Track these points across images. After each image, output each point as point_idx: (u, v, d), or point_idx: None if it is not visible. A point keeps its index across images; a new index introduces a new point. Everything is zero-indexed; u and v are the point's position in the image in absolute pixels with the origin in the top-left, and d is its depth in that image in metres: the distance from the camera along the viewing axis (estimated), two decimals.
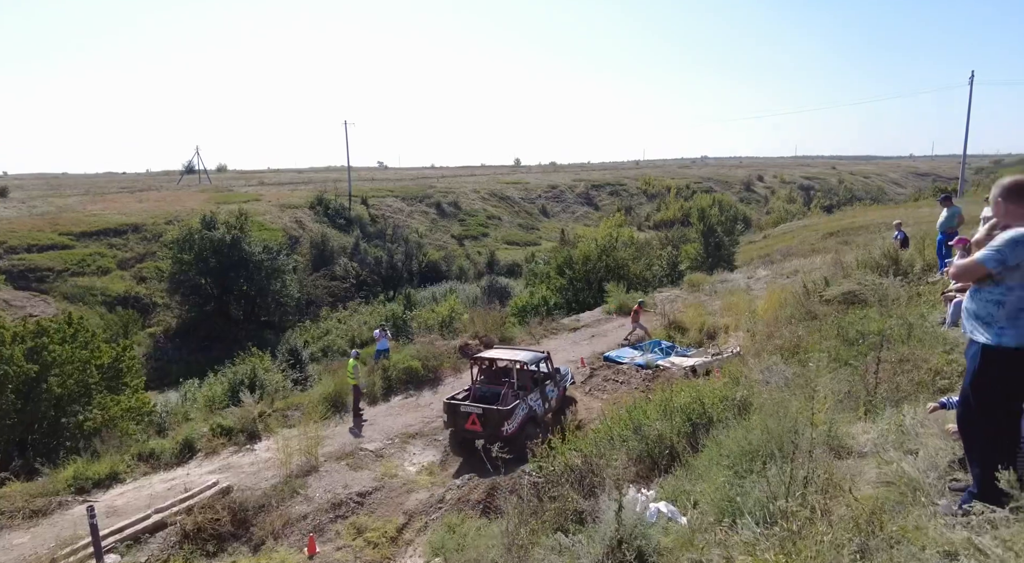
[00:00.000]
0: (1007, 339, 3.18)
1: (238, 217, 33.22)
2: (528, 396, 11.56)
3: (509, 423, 10.84)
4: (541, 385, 12.05)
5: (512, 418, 10.91)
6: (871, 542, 2.90)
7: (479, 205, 55.19)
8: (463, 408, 11.18)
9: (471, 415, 10.97)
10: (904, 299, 9.71)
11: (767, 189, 75.67)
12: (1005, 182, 3.40)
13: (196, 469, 11.20)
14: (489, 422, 10.76)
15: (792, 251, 29.09)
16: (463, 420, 11.07)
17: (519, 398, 11.35)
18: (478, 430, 10.64)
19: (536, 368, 12.19)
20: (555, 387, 12.53)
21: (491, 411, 10.84)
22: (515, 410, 11.02)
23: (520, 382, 11.92)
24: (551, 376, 12.51)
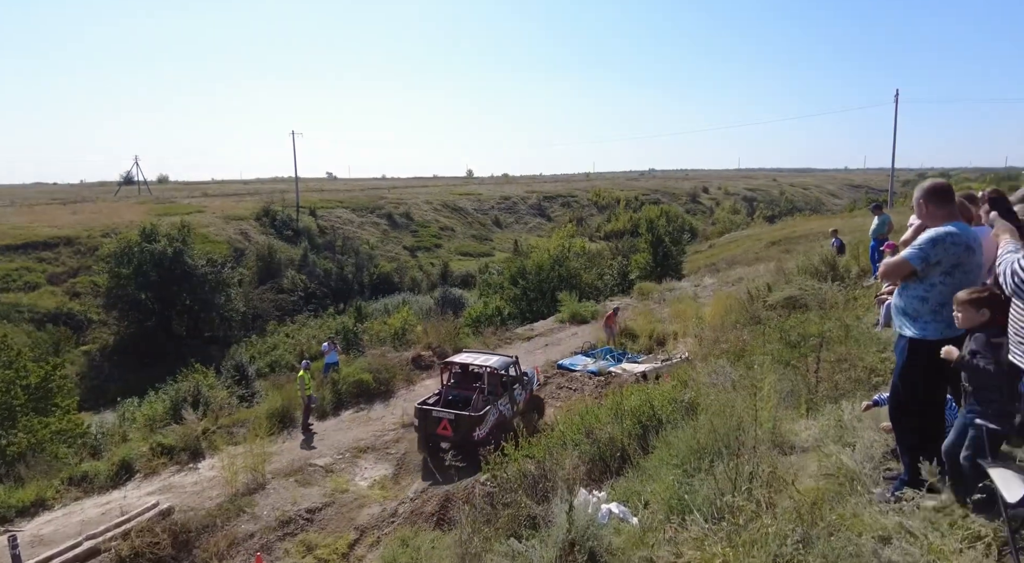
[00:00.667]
0: (931, 332, 3.36)
1: (180, 229, 32.04)
2: (498, 401, 11.56)
3: (480, 428, 10.82)
4: (510, 389, 12.10)
5: (483, 423, 10.92)
6: (812, 531, 2.99)
7: (432, 216, 54.94)
8: (435, 413, 11.14)
9: (443, 420, 10.94)
10: (841, 303, 10.13)
11: (712, 200, 78.00)
12: (925, 185, 3.60)
13: (134, 491, 10.65)
14: (460, 427, 10.75)
15: (737, 259, 30.06)
16: (434, 425, 11.04)
17: (490, 403, 11.35)
18: (449, 435, 10.69)
19: (506, 372, 12.21)
20: (523, 390, 12.58)
21: (463, 417, 10.83)
22: (486, 415, 11.01)
23: (490, 387, 11.90)
24: (519, 379, 12.56)
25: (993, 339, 3.00)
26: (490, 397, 11.61)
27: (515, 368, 12.53)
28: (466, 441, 10.41)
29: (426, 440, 11.30)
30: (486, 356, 12.86)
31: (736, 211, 68.28)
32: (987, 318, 3.04)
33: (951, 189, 3.53)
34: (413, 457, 11.70)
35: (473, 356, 13.01)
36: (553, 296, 23.92)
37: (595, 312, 20.96)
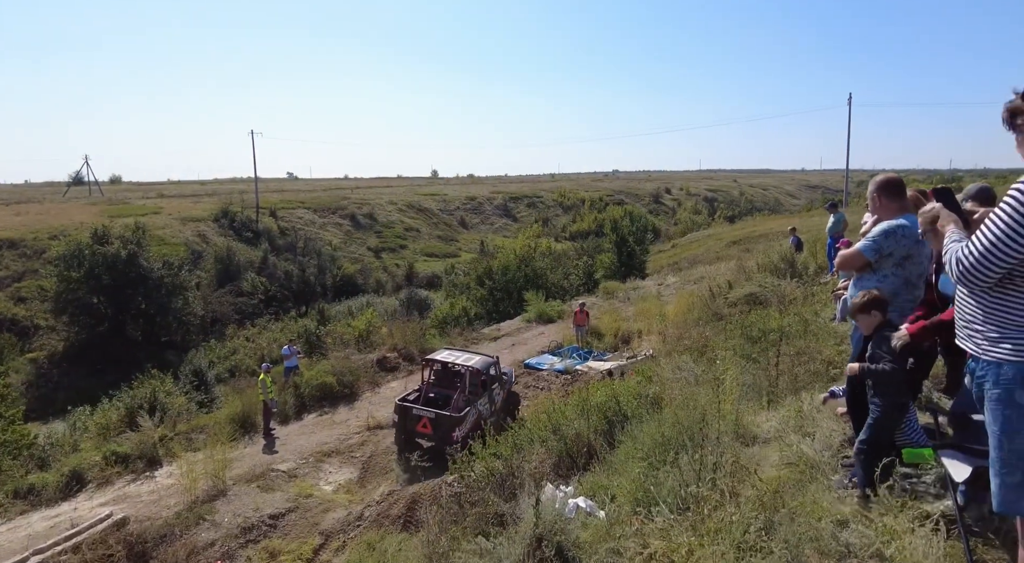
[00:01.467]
0: None
1: (135, 231, 30.93)
2: (478, 402, 11.59)
3: (460, 429, 10.81)
4: (489, 389, 12.14)
5: (463, 424, 10.91)
6: (775, 518, 3.04)
7: (396, 217, 54.37)
8: (415, 411, 11.13)
9: (423, 418, 10.95)
10: (800, 298, 10.40)
11: (674, 201, 79.24)
12: (879, 179, 3.72)
13: (86, 502, 10.25)
14: (440, 427, 10.78)
15: (698, 259, 30.57)
16: (414, 423, 11.04)
17: (470, 404, 11.38)
18: (428, 433, 10.77)
19: (487, 373, 12.25)
20: (501, 389, 12.64)
21: (443, 417, 10.86)
22: (466, 417, 11.06)
23: (471, 387, 11.92)
24: (498, 378, 12.61)
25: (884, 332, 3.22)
26: (471, 397, 11.62)
27: (496, 368, 12.60)
28: (445, 441, 10.49)
29: (405, 437, 11.26)
30: (468, 355, 12.84)
31: (698, 211, 69.50)
32: (880, 320, 3.27)
33: (903, 183, 3.65)
34: (379, 460, 11.55)
35: (456, 355, 12.95)
36: (519, 296, 23.94)
37: (561, 311, 21.06)
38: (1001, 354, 1.95)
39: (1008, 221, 1.88)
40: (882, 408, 3.20)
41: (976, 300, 2.05)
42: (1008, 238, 1.88)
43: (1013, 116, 1.97)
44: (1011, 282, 1.95)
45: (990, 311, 2.00)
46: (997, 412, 1.95)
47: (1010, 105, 1.98)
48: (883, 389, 3.19)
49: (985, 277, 1.98)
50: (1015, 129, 1.98)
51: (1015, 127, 1.98)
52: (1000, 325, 1.97)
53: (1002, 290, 1.97)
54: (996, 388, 1.96)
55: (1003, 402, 1.94)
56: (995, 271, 1.94)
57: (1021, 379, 1.89)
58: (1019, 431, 1.90)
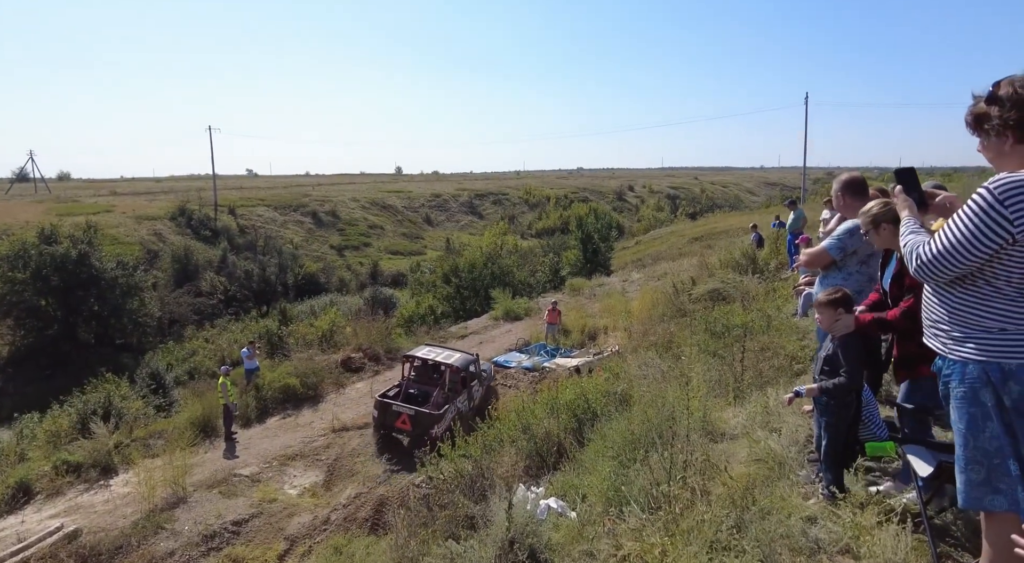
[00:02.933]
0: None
1: (86, 230, 29.72)
2: (457, 398, 11.71)
3: (439, 426, 10.87)
4: (468, 386, 12.27)
5: (442, 421, 11.00)
6: (745, 516, 3.07)
7: (359, 214, 53.59)
8: (395, 407, 11.23)
9: (402, 414, 11.04)
10: (762, 294, 10.60)
11: (637, 198, 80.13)
12: (843, 178, 3.79)
13: (34, 515, 9.81)
14: (419, 424, 10.87)
15: (662, 255, 31.00)
16: (393, 418, 11.13)
17: (449, 401, 11.49)
18: (408, 429, 10.89)
19: (466, 370, 12.36)
20: (480, 386, 12.79)
21: (423, 414, 10.96)
22: (445, 414, 11.16)
23: (451, 384, 12.00)
24: (477, 376, 12.73)
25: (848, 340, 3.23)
26: (450, 394, 11.71)
27: (475, 366, 12.75)
28: (423, 436, 10.55)
29: (383, 433, 11.37)
30: (448, 352, 12.98)
31: (660, 208, 70.38)
32: (842, 317, 3.27)
33: (865, 182, 3.72)
34: (345, 462, 11.37)
35: (436, 351, 13.07)
36: (486, 294, 23.88)
37: (528, 309, 21.07)
38: (966, 353, 1.99)
39: (970, 224, 1.92)
40: (832, 410, 3.25)
41: (941, 301, 2.09)
42: (968, 241, 1.91)
43: (979, 121, 2.00)
44: (973, 284, 1.99)
45: (955, 312, 2.03)
46: (962, 410, 1.99)
47: (975, 110, 2.01)
48: (836, 398, 3.22)
49: (942, 275, 2.01)
50: (979, 133, 2.02)
51: (980, 131, 2.01)
52: (965, 325, 2.00)
53: (965, 291, 2.01)
54: (961, 386, 1.99)
55: (968, 400, 1.97)
56: (952, 271, 1.98)
57: (985, 378, 1.93)
58: (983, 429, 1.94)
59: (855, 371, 3.15)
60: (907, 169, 2.43)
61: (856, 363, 3.16)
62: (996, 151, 1.98)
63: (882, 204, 3.12)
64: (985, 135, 2.00)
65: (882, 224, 3.10)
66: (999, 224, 1.86)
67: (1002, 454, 1.90)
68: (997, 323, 1.94)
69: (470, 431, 7.68)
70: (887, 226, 3.09)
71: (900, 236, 2.26)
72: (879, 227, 3.10)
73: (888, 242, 3.18)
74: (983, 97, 2.01)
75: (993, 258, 1.92)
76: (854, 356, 3.16)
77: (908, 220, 2.28)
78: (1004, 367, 1.91)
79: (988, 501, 1.95)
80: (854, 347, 3.19)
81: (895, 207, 3.05)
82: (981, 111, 2.00)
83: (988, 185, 1.90)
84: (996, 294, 1.94)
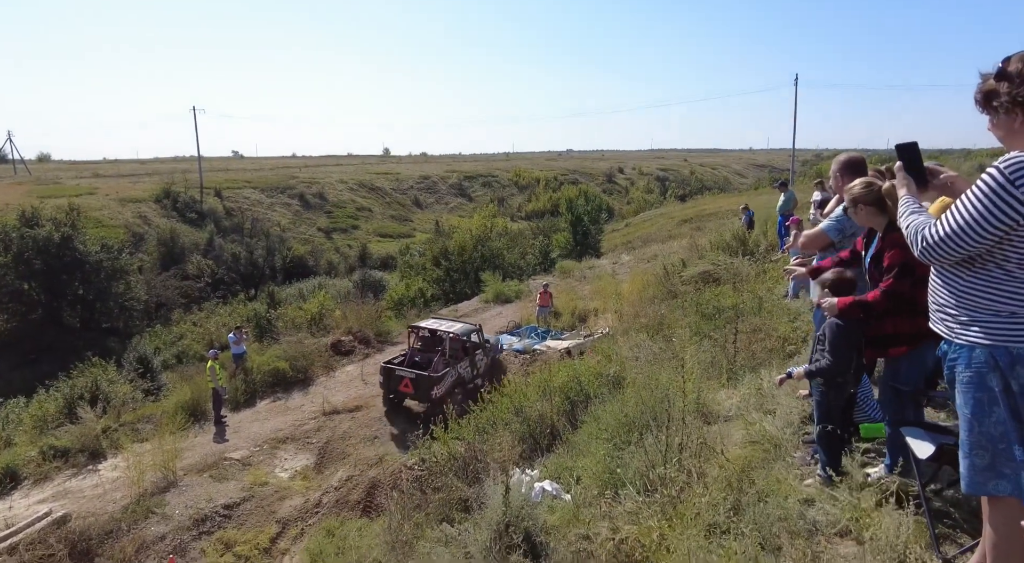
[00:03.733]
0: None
1: (68, 213, 29.16)
2: (458, 364, 12.32)
3: (438, 388, 11.57)
4: (471, 354, 12.87)
5: (441, 383, 11.67)
6: (743, 498, 3.06)
7: (347, 196, 53.05)
8: (398, 372, 11.96)
9: (404, 379, 11.77)
10: (753, 276, 10.61)
11: (627, 180, 79.95)
12: (841, 158, 3.74)
13: (21, 500, 9.72)
14: (420, 386, 11.58)
15: (651, 237, 31.03)
16: (397, 382, 11.87)
17: (449, 366, 12.09)
18: (410, 392, 11.71)
19: (467, 339, 12.97)
20: (485, 355, 13.36)
21: (423, 377, 11.61)
22: (444, 376, 11.80)
23: (452, 351, 12.49)
24: (481, 346, 13.32)
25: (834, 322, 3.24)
26: (451, 360, 12.27)
27: (478, 335, 13.36)
28: (425, 398, 11.52)
29: (390, 397, 12.14)
30: (450, 323, 13.77)
31: (650, 190, 70.33)
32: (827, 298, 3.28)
33: (864, 162, 3.68)
34: (336, 445, 11.35)
35: (439, 322, 13.86)
36: (476, 276, 23.80)
37: (519, 291, 21.03)
38: (973, 337, 1.96)
39: (979, 205, 1.87)
40: (821, 390, 3.26)
41: (948, 285, 2.06)
42: (977, 222, 1.87)
43: (988, 98, 1.96)
44: (983, 267, 1.95)
45: (963, 295, 2.00)
46: (968, 395, 1.97)
47: (985, 87, 1.96)
48: (825, 380, 3.25)
49: (949, 257, 1.98)
50: (989, 111, 1.97)
51: (989, 109, 1.96)
52: (971, 309, 1.97)
53: (975, 275, 1.97)
54: (968, 371, 1.97)
55: (974, 385, 1.95)
56: (960, 253, 1.94)
57: (993, 363, 1.91)
58: (989, 414, 1.92)
59: (837, 354, 3.16)
60: (909, 144, 2.36)
61: (839, 346, 3.16)
62: (1006, 129, 1.93)
63: (864, 184, 3.12)
64: (994, 113, 1.95)
65: (859, 204, 3.11)
66: (1009, 205, 1.82)
67: (1007, 439, 1.88)
68: (1007, 306, 1.90)
69: (475, 398, 8.20)
70: (864, 207, 3.09)
71: (900, 217, 2.21)
72: (857, 207, 3.14)
73: (865, 221, 3.18)
74: (991, 74, 1.96)
75: (1003, 240, 1.88)
76: (838, 340, 3.17)
77: (907, 200, 2.23)
78: (1012, 351, 1.88)
79: (992, 486, 1.93)
80: (838, 331, 3.18)
81: (877, 189, 3.02)
82: (990, 88, 1.95)
83: (998, 164, 1.85)
84: (1007, 277, 1.91)
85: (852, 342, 3.23)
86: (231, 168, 62.27)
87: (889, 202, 2.86)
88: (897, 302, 2.93)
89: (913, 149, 2.35)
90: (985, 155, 35.66)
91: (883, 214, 3.03)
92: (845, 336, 3.19)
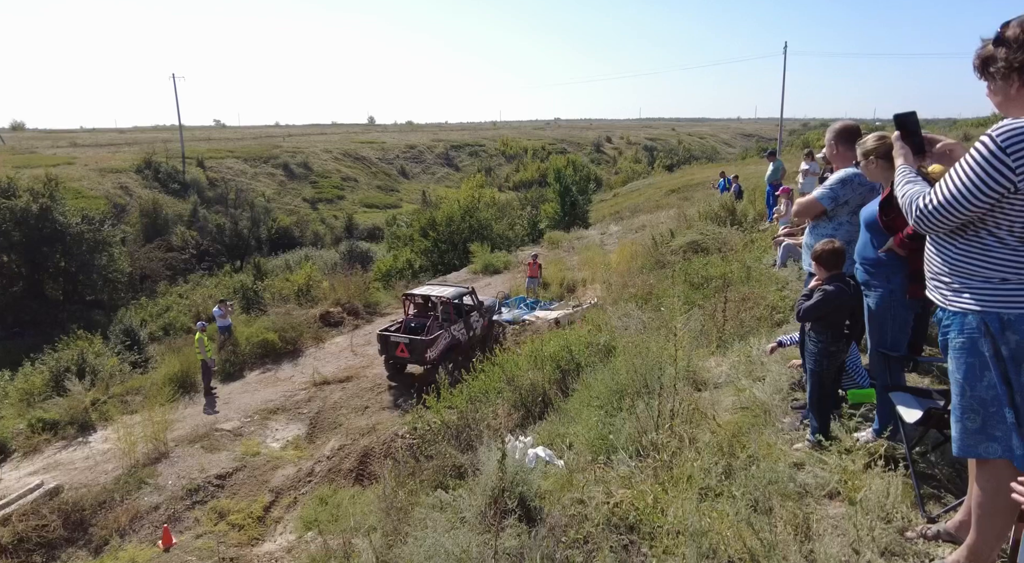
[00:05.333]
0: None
1: (46, 183, 28.45)
2: (452, 327, 12.62)
3: (432, 350, 11.91)
4: (465, 316, 13.15)
5: (435, 346, 12.01)
6: (734, 463, 3.13)
7: (332, 166, 52.29)
8: (393, 338, 12.30)
9: (400, 344, 12.09)
10: (741, 245, 10.67)
11: (615, 150, 79.45)
12: (837, 127, 3.72)
13: (12, 472, 9.72)
14: (415, 350, 11.88)
15: (639, 207, 30.99)
16: (394, 348, 12.20)
17: (443, 328, 12.42)
18: (406, 356, 12.07)
19: (459, 302, 13.20)
20: (480, 317, 13.64)
21: (416, 340, 11.93)
22: (437, 339, 12.12)
23: (444, 314, 12.84)
24: (476, 308, 13.58)
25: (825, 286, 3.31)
26: (444, 323, 12.60)
27: (472, 297, 13.58)
28: (421, 361, 11.89)
29: (390, 362, 12.47)
30: (443, 288, 14.08)
31: (638, 160, 69.94)
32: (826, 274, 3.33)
33: (859, 130, 3.67)
34: (327, 415, 11.42)
35: (430, 288, 14.23)
36: (465, 247, 23.71)
37: (507, 262, 21.01)
38: (965, 304, 1.99)
39: (971, 173, 1.88)
40: (815, 357, 3.31)
41: (942, 253, 2.08)
42: (969, 190, 1.88)
43: (985, 64, 1.95)
44: (976, 234, 1.97)
45: (956, 263, 2.03)
46: (960, 360, 2.01)
47: (982, 53, 1.95)
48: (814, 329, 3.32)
49: (943, 226, 2.00)
50: (986, 77, 1.96)
51: (986, 74, 1.95)
52: (964, 277, 2.00)
53: (968, 242, 1.99)
54: (960, 337, 2.00)
55: (966, 351, 1.99)
56: (953, 221, 1.96)
57: (984, 328, 1.94)
58: (981, 379, 1.95)
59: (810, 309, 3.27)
60: (908, 114, 2.35)
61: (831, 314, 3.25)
62: (1003, 95, 1.92)
63: (877, 137, 3.13)
64: (991, 79, 1.94)
65: (871, 157, 3.11)
66: (1000, 172, 1.83)
67: (998, 402, 1.92)
68: (998, 273, 1.93)
69: (471, 359, 8.42)
70: (877, 160, 3.09)
71: (896, 186, 2.22)
72: (867, 159, 3.14)
73: (875, 176, 3.19)
74: (991, 40, 1.95)
75: (995, 207, 1.89)
76: (829, 308, 3.23)
77: (903, 169, 2.24)
78: (1003, 317, 1.91)
79: (983, 448, 1.98)
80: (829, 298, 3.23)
81: (890, 143, 3.02)
82: (988, 54, 1.93)
83: (991, 132, 1.86)
84: (998, 244, 1.93)
85: (843, 311, 3.27)
86: (213, 137, 61.00)
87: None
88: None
89: (912, 118, 2.34)
90: (970, 125, 35.73)
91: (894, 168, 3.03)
92: (836, 304, 3.23)
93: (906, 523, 2.50)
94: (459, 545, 3.23)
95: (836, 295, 3.23)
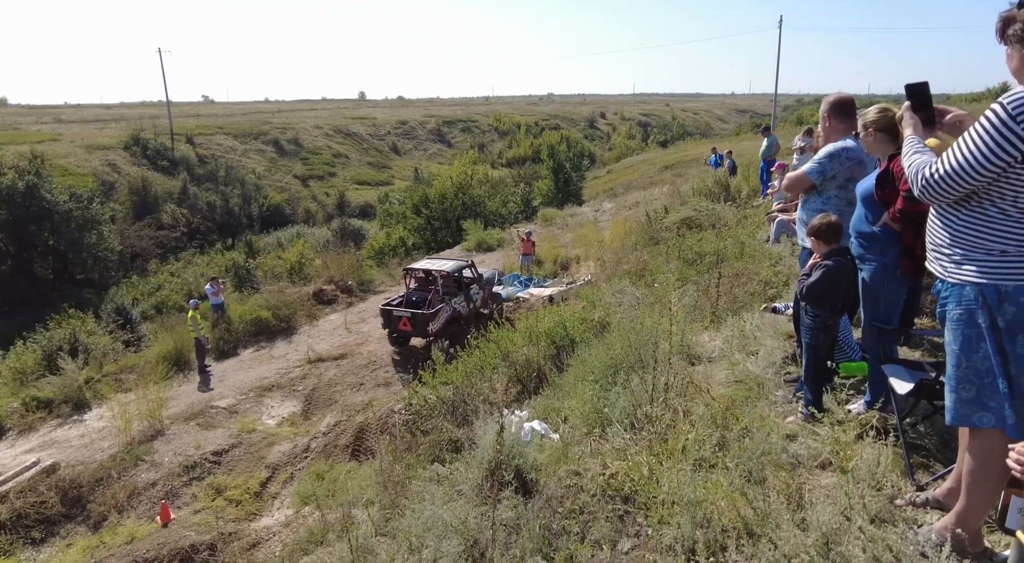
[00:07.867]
0: None
1: (32, 160, 28.04)
2: (453, 300, 12.78)
3: (434, 323, 12.07)
4: (466, 289, 13.33)
5: (436, 319, 12.16)
6: (728, 435, 3.17)
7: (323, 142, 51.73)
8: (395, 312, 12.51)
9: (402, 318, 12.31)
10: (735, 221, 10.68)
11: (609, 126, 78.91)
12: (831, 99, 3.70)
13: (8, 451, 9.75)
14: (417, 323, 12.11)
15: (633, 184, 30.87)
16: (396, 322, 12.42)
17: (444, 302, 12.59)
18: (409, 330, 12.28)
19: (459, 275, 13.39)
20: (480, 290, 13.85)
21: (418, 314, 12.14)
22: (439, 312, 12.28)
23: (444, 288, 12.95)
24: (476, 280, 13.79)
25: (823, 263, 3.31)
26: (445, 296, 12.76)
27: (471, 270, 13.81)
28: (423, 334, 12.11)
29: (393, 336, 12.72)
30: (443, 262, 14.21)
31: (632, 136, 69.51)
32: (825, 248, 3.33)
33: (853, 103, 3.66)
34: (322, 392, 11.47)
35: (431, 262, 14.38)
36: (458, 225, 23.62)
37: (501, 239, 20.96)
38: (964, 276, 2.00)
39: (980, 141, 1.88)
40: (812, 331, 3.34)
41: (945, 225, 2.08)
42: (977, 159, 1.88)
43: (1006, 25, 1.91)
44: (979, 206, 1.97)
45: (958, 234, 2.03)
46: (958, 331, 2.03)
47: (1005, 14, 1.92)
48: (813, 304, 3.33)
49: (948, 195, 1.99)
50: (1006, 40, 1.93)
51: (1006, 38, 1.92)
52: (965, 248, 2.01)
53: (971, 213, 2.00)
54: (958, 308, 2.02)
55: (963, 322, 2.00)
56: (960, 190, 1.96)
57: (982, 300, 1.95)
58: (977, 350, 1.98)
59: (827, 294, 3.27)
60: (920, 84, 2.31)
61: (828, 289, 3.26)
62: (1019, 60, 1.88)
63: (879, 109, 3.11)
64: (1009, 42, 1.91)
65: (871, 129, 3.10)
66: (1009, 140, 1.82)
67: (993, 374, 1.95)
68: (998, 245, 1.94)
69: (478, 328, 8.61)
70: (876, 133, 3.08)
71: (903, 156, 2.21)
72: (867, 131, 3.13)
73: (873, 148, 3.18)
74: (1018, 2, 1.91)
75: (1000, 177, 1.89)
76: (826, 283, 3.24)
77: (911, 140, 2.22)
78: (1001, 289, 1.93)
79: (977, 418, 2.01)
80: (827, 273, 3.24)
81: (892, 115, 3.00)
82: (1010, 15, 1.90)
83: (1002, 100, 1.85)
84: (1001, 216, 1.93)
85: (839, 285, 3.29)
86: (202, 113, 60.09)
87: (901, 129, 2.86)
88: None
89: (923, 89, 2.30)
90: (963, 100, 35.64)
91: (893, 142, 3.02)
92: (833, 279, 3.24)
93: (896, 491, 2.56)
94: (457, 517, 3.27)
95: (836, 269, 3.24)
